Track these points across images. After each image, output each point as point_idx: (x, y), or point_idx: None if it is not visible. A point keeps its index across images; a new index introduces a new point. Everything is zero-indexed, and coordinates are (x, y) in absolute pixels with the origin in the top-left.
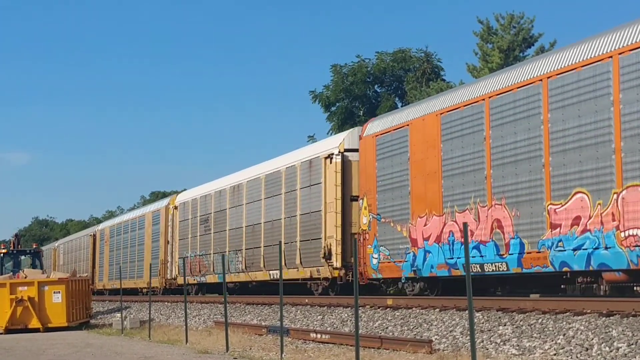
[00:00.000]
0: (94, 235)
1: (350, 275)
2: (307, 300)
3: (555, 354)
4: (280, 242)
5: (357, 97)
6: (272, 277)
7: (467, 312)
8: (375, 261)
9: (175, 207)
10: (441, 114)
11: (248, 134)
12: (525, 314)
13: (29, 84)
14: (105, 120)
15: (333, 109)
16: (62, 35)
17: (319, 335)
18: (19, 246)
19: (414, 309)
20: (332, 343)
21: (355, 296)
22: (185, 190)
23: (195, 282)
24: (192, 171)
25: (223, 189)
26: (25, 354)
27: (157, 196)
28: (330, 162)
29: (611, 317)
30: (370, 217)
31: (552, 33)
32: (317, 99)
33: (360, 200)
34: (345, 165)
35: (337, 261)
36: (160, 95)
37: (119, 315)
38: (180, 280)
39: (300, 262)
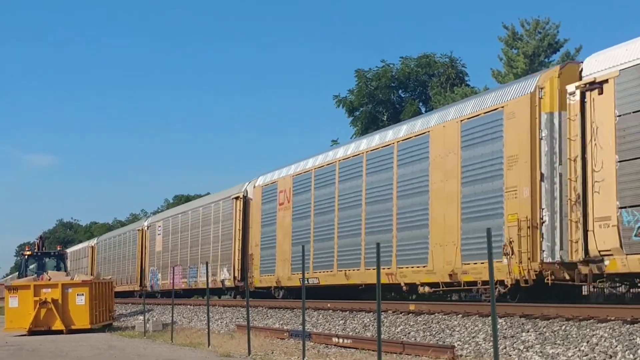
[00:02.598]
0: (243, 197)
1: None
2: (329, 305)
3: None
4: None
5: (380, 102)
6: None
7: (490, 318)
8: None
9: (594, 85)
10: None
11: (270, 138)
12: (548, 321)
13: (54, 88)
14: (130, 124)
15: (357, 113)
16: (86, 45)
17: (341, 340)
18: (44, 248)
19: (436, 314)
20: (354, 348)
21: (377, 301)
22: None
23: None
24: (215, 175)
25: None
26: (49, 355)
27: (180, 199)
28: None
29: (635, 324)
30: None
31: (578, 39)
32: (341, 103)
33: None
34: None
35: None
36: (182, 101)
37: (141, 317)
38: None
39: None
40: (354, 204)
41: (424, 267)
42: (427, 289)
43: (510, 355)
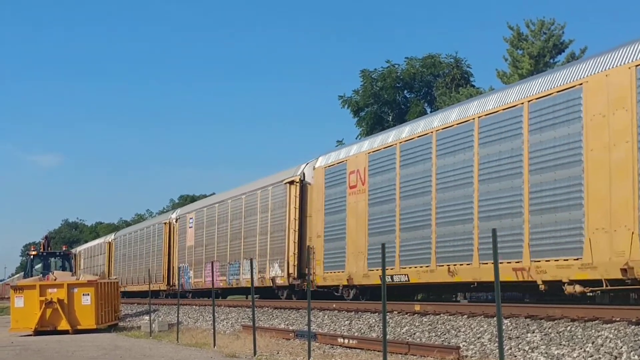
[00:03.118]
0: (300, 181)
1: None
2: (334, 305)
3: None
4: None
5: (386, 102)
6: None
7: (495, 318)
8: None
9: None
10: None
11: (275, 138)
12: (554, 321)
13: (59, 88)
14: (135, 125)
15: (362, 114)
16: (89, 42)
17: (346, 341)
18: (49, 248)
19: (441, 315)
20: (360, 348)
21: (383, 301)
22: None
23: None
24: (220, 175)
25: None
26: (54, 355)
27: (185, 200)
28: None
29: None
30: None
31: (583, 39)
32: (346, 103)
33: None
34: None
35: None
36: (187, 100)
37: (147, 318)
38: None
39: None
40: (461, 182)
41: (576, 259)
42: (578, 287)
43: (515, 356)
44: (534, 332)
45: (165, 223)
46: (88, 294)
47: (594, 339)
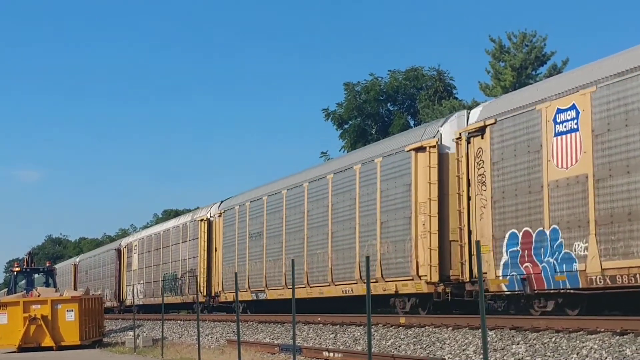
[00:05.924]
0: None
1: None
2: (319, 319)
3: None
4: None
5: (369, 115)
6: None
7: (480, 330)
8: None
9: None
10: None
11: (259, 151)
12: (538, 333)
13: (39, 102)
14: (117, 139)
15: (346, 126)
16: (73, 53)
17: (331, 354)
18: (33, 264)
19: (426, 327)
20: None
21: (367, 314)
22: None
23: None
24: (205, 190)
25: None
26: None
27: (169, 214)
28: None
29: (625, 336)
30: None
31: (565, 51)
32: (329, 116)
33: None
34: None
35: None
36: (167, 115)
37: (131, 333)
38: None
39: None
40: None
41: None
42: None
43: None
44: (519, 344)
45: (419, 148)
46: (72, 310)
47: (579, 349)
